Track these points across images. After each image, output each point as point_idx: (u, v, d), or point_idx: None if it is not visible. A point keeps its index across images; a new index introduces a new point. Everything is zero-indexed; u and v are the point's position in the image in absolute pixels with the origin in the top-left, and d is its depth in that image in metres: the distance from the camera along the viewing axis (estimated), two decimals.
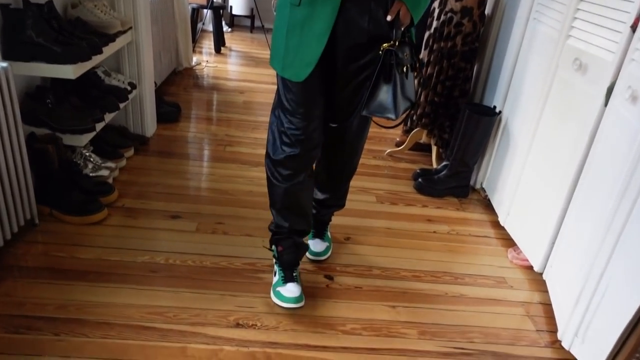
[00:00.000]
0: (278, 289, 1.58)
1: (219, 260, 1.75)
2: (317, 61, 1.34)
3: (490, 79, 2.55)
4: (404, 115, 1.46)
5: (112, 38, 2.08)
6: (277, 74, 1.45)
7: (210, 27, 4.65)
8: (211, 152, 2.63)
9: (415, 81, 1.43)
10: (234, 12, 5.44)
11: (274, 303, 1.57)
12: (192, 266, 1.70)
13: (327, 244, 1.87)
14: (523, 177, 2.05)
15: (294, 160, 1.48)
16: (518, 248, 2.03)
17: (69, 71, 1.77)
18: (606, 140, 1.52)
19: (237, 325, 1.47)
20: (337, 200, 1.83)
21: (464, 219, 2.27)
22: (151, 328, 1.41)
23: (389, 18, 1.33)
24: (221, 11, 4.60)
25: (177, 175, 2.32)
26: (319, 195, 1.79)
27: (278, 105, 1.48)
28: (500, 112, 2.32)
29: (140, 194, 2.10)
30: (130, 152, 2.41)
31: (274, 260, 1.65)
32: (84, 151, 2.11)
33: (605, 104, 1.55)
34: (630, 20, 1.46)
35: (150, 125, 2.65)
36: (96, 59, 1.91)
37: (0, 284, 1.51)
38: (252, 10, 5.34)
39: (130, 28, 2.31)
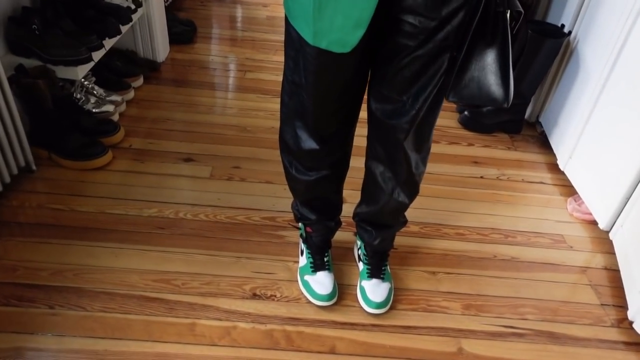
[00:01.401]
0: (307, 277, 1.31)
1: (235, 214, 1.55)
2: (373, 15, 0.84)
3: None
4: None
5: None
6: (285, 19, 0.98)
7: None
8: (229, 79, 2.35)
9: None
10: None
11: (302, 294, 1.31)
12: (205, 221, 1.51)
13: (388, 285, 1.32)
14: (594, 115, 1.71)
15: (315, 155, 1.13)
16: (579, 198, 1.75)
17: None
18: None
19: (254, 296, 1.29)
20: (393, 216, 1.27)
21: (517, 161, 1.97)
22: (157, 299, 1.25)
23: None
24: None
25: (191, 108, 2.07)
26: (365, 208, 1.28)
27: (287, 76, 1.05)
28: (569, 32, 1.92)
29: (150, 132, 1.88)
30: (139, 82, 2.16)
31: (300, 239, 1.39)
32: (86, 82, 1.87)
33: None
34: None
35: (161, 49, 2.36)
36: None
37: None
38: None
39: None
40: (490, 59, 0.86)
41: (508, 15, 0.82)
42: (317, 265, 1.31)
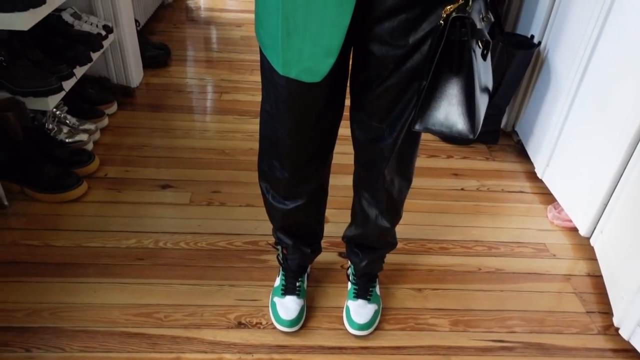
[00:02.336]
0: (275, 299, 1.29)
1: (216, 240, 1.52)
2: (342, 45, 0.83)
3: (525, 1, 2.15)
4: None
5: None
6: (259, 48, 0.96)
7: None
8: (206, 101, 2.33)
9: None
10: None
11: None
12: (186, 249, 1.48)
13: (374, 307, 1.30)
14: (568, 122, 1.74)
15: (289, 184, 1.12)
16: (559, 205, 1.77)
17: (20, 21, 1.45)
18: None
19: (239, 325, 1.26)
20: (379, 239, 1.26)
21: (495, 171, 1.99)
22: (139, 335, 1.21)
23: None
24: None
25: (168, 133, 2.04)
26: (353, 231, 1.27)
27: (262, 104, 1.05)
28: (539, 43, 1.96)
29: (126, 160, 1.85)
30: (113, 108, 2.13)
31: (277, 260, 1.36)
32: (57, 112, 1.83)
33: None
34: None
35: (135, 74, 2.33)
36: (53, 1, 1.58)
37: None
38: None
39: None
40: (456, 89, 0.83)
41: (475, 44, 0.80)
42: (287, 289, 1.29)
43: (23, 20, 1.45)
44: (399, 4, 0.83)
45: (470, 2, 0.79)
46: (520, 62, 1.96)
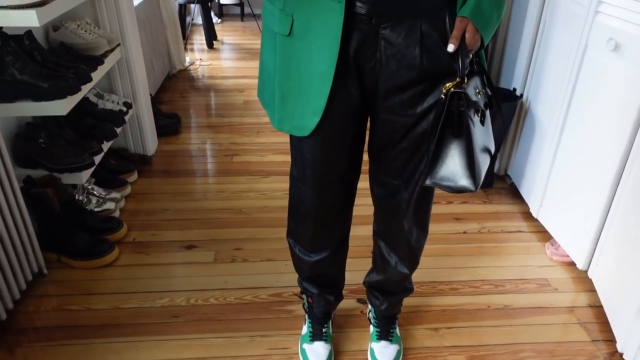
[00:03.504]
0: (304, 346, 1.40)
1: (243, 294, 1.64)
2: (325, 107, 1.01)
3: (505, 58, 2.38)
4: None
5: (100, 60, 1.93)
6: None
7: (199, 21, 4.45)
8: (218, 164, 2.49)
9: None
10: (222, 2, 5.22)
11: None
12: (216, 304, 1.59)
13: (396, 347, 1.41)
14: (555, 165, 1.91)
15: (314, 239, 1.26)
16: (556, 242, 1.91)
17: (59, 107, 1.63)
18: None
19: None
20: (398, 284, 1.38)
21: (493, 213, 2.14)
22: None
23: (451, 48, 0.95)
24: (209, 3, 4.39)
25: (186, 196, 2.19)
26: (374, 277, 1.41)
27: (291, 169, 1.21)
28: (521, 95, 2.16)
29: (150, 224, 1.98)
30: (133, 177, 2.28)
31: (303, 308, 1.47)
32: (86, 185, 1.98)
33: None
34: None
35: (151, 143, 2.51)
36: (85, 88, 1.76)
37: (14, 352, 1.40)
38: None
39: (119, 45, 2.15)
40: (458, 150, 0.96)
41: (472, 113, 0.96)
42: (315, 335, 1.40)
43: (62, 107, 1.63)
44: (407, 82, 1.01)
45: (466, 80, 0.96)
46: (506, 114, 2.15)
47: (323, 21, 0.95)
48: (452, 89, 0.95)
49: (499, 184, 2.35)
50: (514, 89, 2.20)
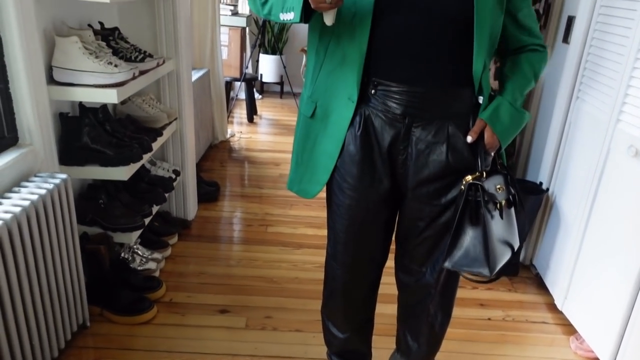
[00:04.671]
0: None
1: None
2: (360, 191, 1.16)
3: (533, 152, 2.51)
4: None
5: (159, 132, 2.14)
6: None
7: (242, 95, 4.79)
8: (252, 233, 2.62)
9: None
10: (264, 80, 5.60)
11: None
12: None
13: None
14: (580, 258, 1.97)
15: (344, 315, 1.36)
16: (580, 336, 1.93)
17: (122, 173, 1.81)
18: None
19: None
20: None
21: (518, 302, 2.17)
22: None
23: (469, 139, 1.11)
24: (253, 82, 4.74)
25: (222, 261, 2.31)
26: (397, 358, 1.48)
27: (327, 247, 1.32)
28: (547, 189, 2.27)
29: (187, 286, 2.09)
30: (174, 239, 2.42)
31: None
32: (132, 245, 2.13)
33: None
34: None
35: (192, 208, 2.67)
36: (146, 157, 1.95)
37: None
38: (281, 77, 5.49)
39: (176, 119, 2.38)
40: (475, 237, 1.07)
41: (491, 205, 1.08)
42: None
43: (125, 172, 1.82)
44: (434, 175, 1.15)
45: (484, 175, 1.10)
46: (532, 206, 2.25)
47: (338, 113, 1.15)
48: (470, 181, 1.09)
49: (525, 273, 2.40)
50: (541, 183, 2.31)
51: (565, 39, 2.22)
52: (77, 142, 1.77)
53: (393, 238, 1.31)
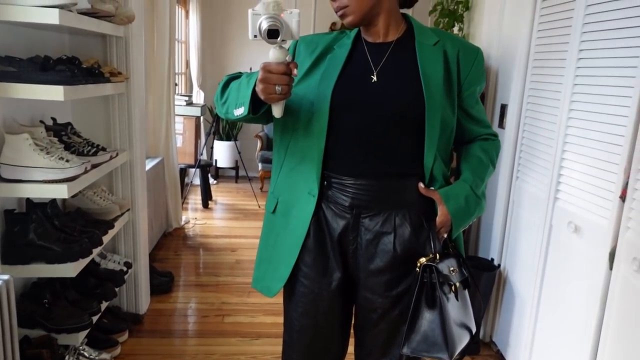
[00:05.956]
0: None
1: None
2: (312, 280, 1.17)
3: (482, 229, 2.61)
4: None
5: (111, 225, 2.09)
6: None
7: (197, 181, 4.79)
8: (209, 325, 2.52)
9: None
10: (219, 165, 5.65)
11: None
12: None
13: None
14: (537, 335, 2.00)
15: None
16: None
17: (70, 270, 1.73)
18: (620, 306, 1.52)
19: None
20: None
21: None
22: None
23: (420, 185, 1.13)
24: (208, 168, 4.77)
25: (176, 359, 2.18)
26: None
27: (283, 330, 1.31)
28: (499, 265, 2.34)
29: None
30: (124, 336, 2.29)
31: None
32: (78, 346, 1.99)
33: (610, 268, 1.57)
34: (618, 191, 1.55)
35: (144, 302, 2.56)
36: (96, 251, 1.89)
37: None
38: (236, 162, 5.56)
39: (128, 209, 2.34)
40: (432, 320, 1.08)
41: (446, 287, 1.09)
42: None
43: (72, 269, 1.74)
44: (384, 265, 1.16)
45: (438, 257, 1.12)
46: (486, 283, 2.30)
47: (299, 208, 1.18)
48: (425, 263, 1.11)
49: (486, 350, 2.39)
50: (492, 259, 2.38)
51: (501, 124, 2.40)
52: (22, 240, 1.70)
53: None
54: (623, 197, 1.53)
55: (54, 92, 1.59)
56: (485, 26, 2.65)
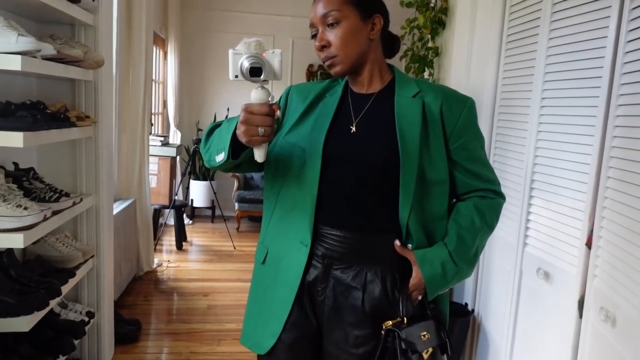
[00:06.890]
0: None
1: None
2: (286, 330, 1.13)
3: None
4: None
5: (72, 273, 2.00)
6: None
7: (171, 222, 4.70)
8: None
9: None
10: (194, 205, 5.57)
11: None
12: None
13: None
14: None
15: None
16: None
17: (23, 324, 1.64)
18: (591, 357, 1.49)
19: None
20: None
21: None
22: None
23: (397, 243, 1.09)
24: (183, 208, 4.69)
25: None
26: None
27: None
28: (472, 310, 2.31)
29: None
30: None
31: None
32: None
33: (580, 316, 1.56)
34: (584, 237, 1.55)
35: (107, 353, 2.44)
36: (53, 302, 1.80)
37: None
38: (212, 201, 5.49)
39: (92, 256, 2.26)
40: None
41: (411, 354, 1.04)
42: None
43: (26, 323, 1.65)
44: (351, 320, 1.12)
45: (406, 320, 1.07)
46: (461, 328, 2.26)
47: (290, 258, 1.14)
48: (390, 327, 1.06)
49: None
50: (466, 304, 2.35)
51: None
52: None
53: None
54: (589, 244, 1.53)
55: (13, 139, 1.55)
56: (454, 71, 2.71)
